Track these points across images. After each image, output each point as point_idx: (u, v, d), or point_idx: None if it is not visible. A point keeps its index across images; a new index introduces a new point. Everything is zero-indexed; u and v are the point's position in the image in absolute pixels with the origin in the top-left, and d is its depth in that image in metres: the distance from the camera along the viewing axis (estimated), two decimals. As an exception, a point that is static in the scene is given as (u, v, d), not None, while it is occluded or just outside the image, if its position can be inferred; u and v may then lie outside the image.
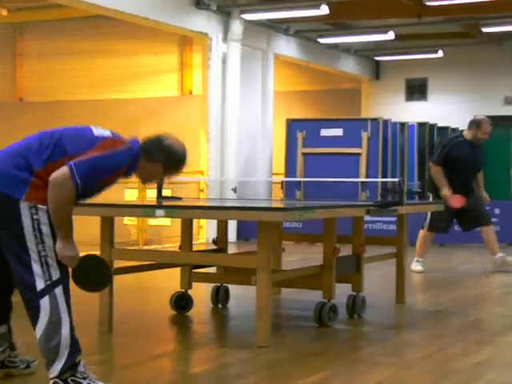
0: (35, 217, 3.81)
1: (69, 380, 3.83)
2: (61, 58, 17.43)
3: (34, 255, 3.80)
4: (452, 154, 9.04)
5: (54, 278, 3.81)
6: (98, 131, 4.00)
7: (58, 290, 3.82)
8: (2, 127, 16.03)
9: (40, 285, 3.80)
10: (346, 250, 6.23)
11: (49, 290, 3.80)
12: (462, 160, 9.02)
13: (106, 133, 4.01)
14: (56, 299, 3.81)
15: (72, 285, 3.91)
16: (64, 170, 3.76)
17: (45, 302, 3.79)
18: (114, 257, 5.57)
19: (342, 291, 6.20)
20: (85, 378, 3.88)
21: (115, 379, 4.41)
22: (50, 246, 3.82)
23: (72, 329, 3.86)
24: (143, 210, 5.79)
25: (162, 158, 4.05)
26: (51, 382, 3.84)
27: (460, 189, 9.03)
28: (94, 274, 3.96)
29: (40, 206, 3.81)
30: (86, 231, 9.49)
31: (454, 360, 4.92)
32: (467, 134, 9.25)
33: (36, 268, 3.80)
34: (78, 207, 4.01)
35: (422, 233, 9.41)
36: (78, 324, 4.26)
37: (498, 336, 5.64)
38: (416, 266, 9.25)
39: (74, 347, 3.85)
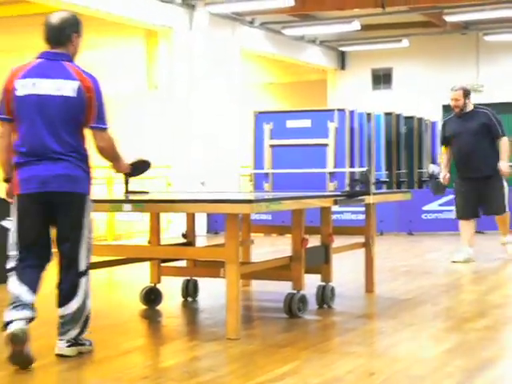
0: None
1: (79, 338, 4.60)
2: (18, 55, 17.21)
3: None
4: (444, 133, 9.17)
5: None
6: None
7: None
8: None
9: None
10: (314, 241, 6.26)
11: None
12: (452, 136, 9.05)
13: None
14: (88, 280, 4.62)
15: None
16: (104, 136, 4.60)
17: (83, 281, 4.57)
18: (82, 253, 5.53)
19: (312, 282, 6.22)
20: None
21: (86, 375, 4.39)
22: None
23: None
24: (111, 204, 5.75)
25: (72, 31, 4.59)
26: (68, 343, 4.55)
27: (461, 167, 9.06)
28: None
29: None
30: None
31: (423, 347, 4.96)
32: None
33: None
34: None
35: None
36: (48, 321, 4.24)
37: (466, 323, 5.68)
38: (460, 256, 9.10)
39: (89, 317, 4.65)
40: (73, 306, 4.50)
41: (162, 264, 6.40)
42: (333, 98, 19.32)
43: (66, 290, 4.51)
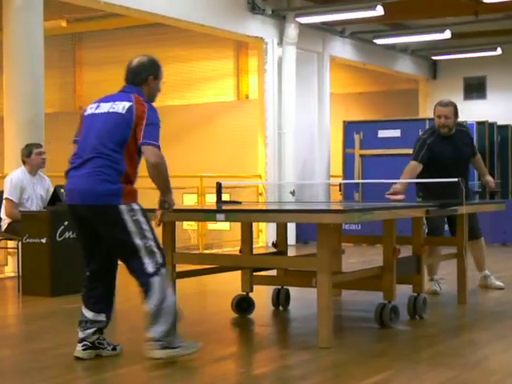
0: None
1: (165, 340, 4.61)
2: (118, 66, 17.60)
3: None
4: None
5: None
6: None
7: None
8: (63, 136, 16.32)
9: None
10: (405, 251, 6.22)
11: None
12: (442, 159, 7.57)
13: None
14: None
15: None
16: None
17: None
18: (176, 261, 5.66)
19: (403, 292, 6.19)
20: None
21: (179, 381, 4.49)
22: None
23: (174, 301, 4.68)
24: (204, 214, 5.87)
25: (147, 73, 4.96)
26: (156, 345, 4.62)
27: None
28: None
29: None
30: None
31: (518, 360, 4.88)
32: None
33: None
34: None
35: None
36: (138, 329, 4.32)
37: None
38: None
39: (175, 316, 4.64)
40: (149, 305, 4.58)
41: (254, 273, 6.47)
42: (424, 108, 19.10)
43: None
